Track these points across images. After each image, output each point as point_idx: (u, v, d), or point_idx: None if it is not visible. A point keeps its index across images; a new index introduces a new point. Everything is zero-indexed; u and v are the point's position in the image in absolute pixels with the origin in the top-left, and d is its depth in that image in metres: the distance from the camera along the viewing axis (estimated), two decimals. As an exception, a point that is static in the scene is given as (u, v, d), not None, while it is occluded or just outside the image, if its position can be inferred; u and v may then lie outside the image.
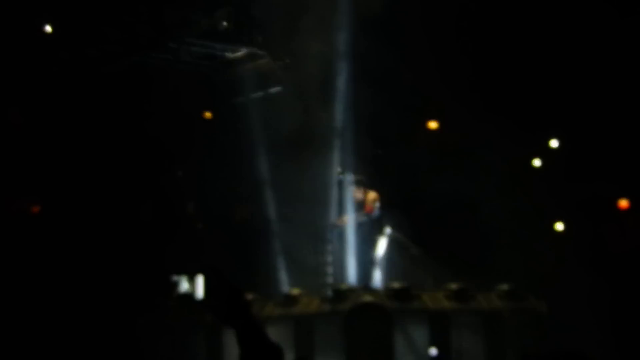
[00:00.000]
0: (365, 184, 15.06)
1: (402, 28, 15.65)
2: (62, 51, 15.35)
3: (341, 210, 15.38)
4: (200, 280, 14.50)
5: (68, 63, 15.41)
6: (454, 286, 13.90)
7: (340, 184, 15.40)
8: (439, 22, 15.37)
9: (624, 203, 16.56)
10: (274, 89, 17.30)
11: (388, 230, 15.33)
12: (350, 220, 15.11)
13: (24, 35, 14.75)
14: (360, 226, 15.02)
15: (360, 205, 15.01)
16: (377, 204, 14.96)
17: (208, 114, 17.66)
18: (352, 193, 15.15)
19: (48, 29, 14.87)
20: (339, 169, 15.51)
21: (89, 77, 15.57)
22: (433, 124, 16.54)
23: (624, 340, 13.92)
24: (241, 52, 16.84)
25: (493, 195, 14.92)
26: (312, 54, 15.70)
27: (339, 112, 15.91)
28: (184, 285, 15.30)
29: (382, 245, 15.06)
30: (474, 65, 15.45)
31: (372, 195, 14.97)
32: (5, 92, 15.30)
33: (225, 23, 15.68)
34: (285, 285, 15.84)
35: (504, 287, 14.05)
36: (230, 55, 16.94)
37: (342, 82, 15.80)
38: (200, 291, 14.74)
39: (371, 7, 15.04)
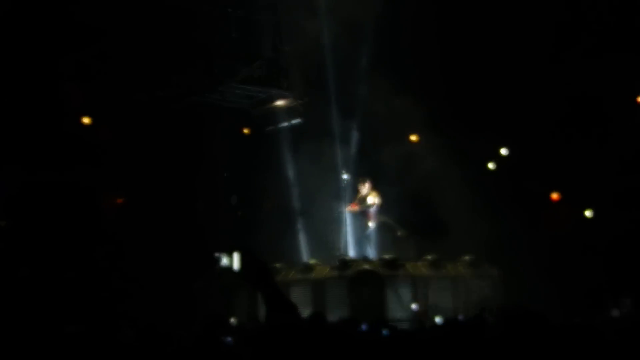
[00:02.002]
0: (368, 183, 16.35)
1: (391, 65, 17.21)
2: (140, 92, 16.56)
3: (346, 202, 16.60)
4: (235, 256, 16.21)
5: (144, 101, 16.68)
6: (430, 257, 15.29)
7: (346, 183, 16.66)
8: (422, 60, 16.77)
9: (555, 196, 17.87)
10: (296, 120, 18.43)
11: (381, 217, 16.41)
12: (358, 208, 16.32)
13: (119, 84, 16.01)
14: (362, 213, 16.31)
15: (364, 199, 16.25)
16: (378, 198, 16.19)
17: (247, 131, 18.74)
18: (359, 188, 16.46)
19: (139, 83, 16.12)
20: (344, 172, 16.80)
21: (160, 111, 16.77)
22: (413, 137, 17.57)
23: (559, 296, 14.42)
24: (271, 93, 18.02)
25: (460, 189, 15.97)
26: (323, 94, 17.39)
27: (345, 133, 17.66)
28: (224, 260, 16.46)
29: (373, 227, 16.27)
30: (445, 93, 16.73)
31: (374, 192, 16.20)
32: (98, 119, 16.52)
33: (260, 72, 17.16)
34: (305, 256, 17.02)
35: (466, 257, 15.52)
36: (263, 95, 18.10)
37: (345, 112, 17.64)
38: (236, 264, 16.14)
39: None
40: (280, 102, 18.33)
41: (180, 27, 15.75)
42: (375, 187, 16.47)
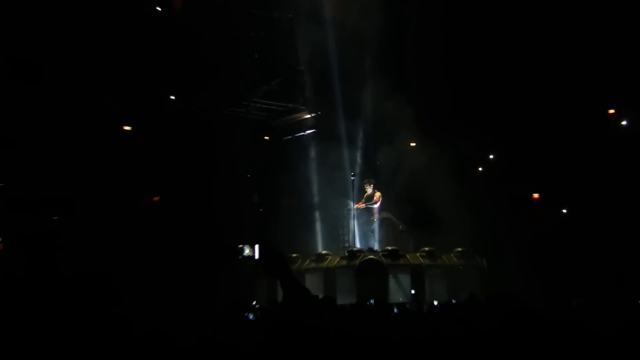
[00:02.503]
0: (373, 184, 16.70)
1: (392, 78, 17.33)
2: (173, 105, 16.93)
3: (354, 201, 16.70)
4: (256, 248, 15.40)
5: (178, 112, 16.93)
6: (426, 249, 15.49)
7: (353, 184, 16.66)
8: (421, 74, 16.87)
9: (535, 195, 18.31)
10: (310, 131, 18.49)
11: (384, 213, 16.80)
12: (364, 206, 16.61)
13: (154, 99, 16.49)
14: (366, 210, 16.64)
15: (369, 198, 16.59)
16: (381, 198, 16.54)
17: (267, 138, 18.84)
18: (365, 188, 16.77)
19: (172, 97, 16.61)
20: (353, 174, 16.86)
21: (191, 121, 16.99)
22: (412, 144, 17.78)
23: (539, 284, 13.88)
24: (288, 107, 17.95)
25: (453, 190, 16.18)
26: (333, 106, 17.85)
27: (352, 140, 18.06)
28: (247, 251, 15.75)
29: (377, 222, 16.56)
30: (440, 108, 16.89)
31: (378, 192, 16.56)
32: (136, 125, 16.78)
33: (278, 88, 17.11)
34: (318, 248, 17.43)
35: (458, 249, 15.69)
36: (281, 109, 18.01)
37: (352, 121, 18.06)
38: (257, 255, 15.42)
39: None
40: (296, 115, 18.35)
41: (208, 49, 15.96)
42: (378, 187, 16.76)
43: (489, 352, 4.48)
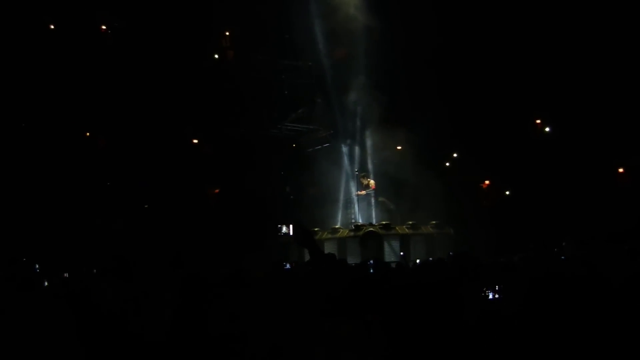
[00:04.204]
0: (368, 176, 17.26)
1: (384, 102, 17.19)
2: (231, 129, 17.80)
3: (357, 189, 17.32)
4: (290, 226, 16.39)
5: (234, 132, 17.80)
6: (410, 222, 15.81)
7: (357, 177, 17.30)
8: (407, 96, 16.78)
9: (487, 182, 18.67)
10: (325, 145, 19.42)
11: (380, 197, 17.21)
12: (364, 193, 17.00)
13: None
14: (367, 195, 17.06)
15: (367, 186, 17.10)
16: (375, 185, 16.98)
17: (294, 146, 19.57)
18: (361, 180, 17.24)
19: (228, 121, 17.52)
20: (357, 171, 17.50)
21: (243, 138, 17.73)
22: (398, 147, 17.59)
23: (494, 246, 13.78)
24: (310, 128, 18.90)
25: (429, 179, 16.03)
26: (343, 128, 18.52)
27: (356, 150, 18.39)
28: (284, 229, 16.60)
29: (374, 204, 17.00)
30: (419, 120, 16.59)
31: (372, 181, 17.11)
32: (199, 140, 17.90)
33: (302, 115, 18.11)
34: (333, 223, 17.45)
35: (434, 222, 15.94)
36: (304, 129, 18.96)
37: (354, 134, 18.41)
38: (290, 231, 16.29)
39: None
40: (315, 134, 19.15)
41: (252, 88, 17.05)
42: (373, 179, 17.26)
43: (450, 290, 4.57)
